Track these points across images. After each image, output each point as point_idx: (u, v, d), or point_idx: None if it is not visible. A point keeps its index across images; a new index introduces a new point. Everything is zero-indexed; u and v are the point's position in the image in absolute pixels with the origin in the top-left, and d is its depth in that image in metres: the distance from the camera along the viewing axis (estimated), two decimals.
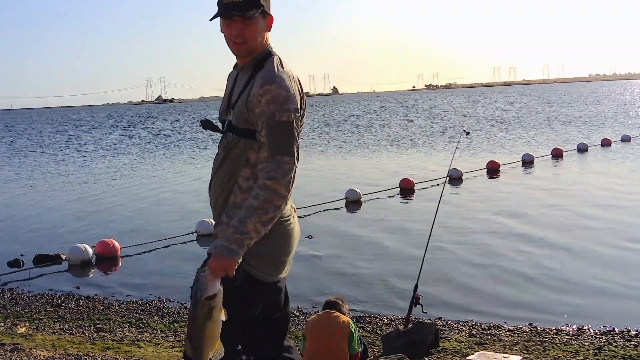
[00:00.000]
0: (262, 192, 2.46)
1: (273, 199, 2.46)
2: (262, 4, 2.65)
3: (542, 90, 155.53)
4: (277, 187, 2.47)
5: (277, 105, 2.53)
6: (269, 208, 2.46)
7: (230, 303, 2.50)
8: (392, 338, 5.32)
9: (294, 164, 2.53)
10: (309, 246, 10.44)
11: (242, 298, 2.70)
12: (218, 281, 2.40)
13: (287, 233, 2.73)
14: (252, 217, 2.45)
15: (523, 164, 19.53)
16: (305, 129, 45.05)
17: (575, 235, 10.25)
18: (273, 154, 2.50)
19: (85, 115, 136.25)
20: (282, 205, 2.50)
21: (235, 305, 2.60)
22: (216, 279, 2.39)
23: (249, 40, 2.66)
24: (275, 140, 2.51)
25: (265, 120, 2.53)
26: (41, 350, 5.43)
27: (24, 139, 49.57)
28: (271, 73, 2.61)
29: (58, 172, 23.92)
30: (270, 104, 2.53)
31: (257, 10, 2.62)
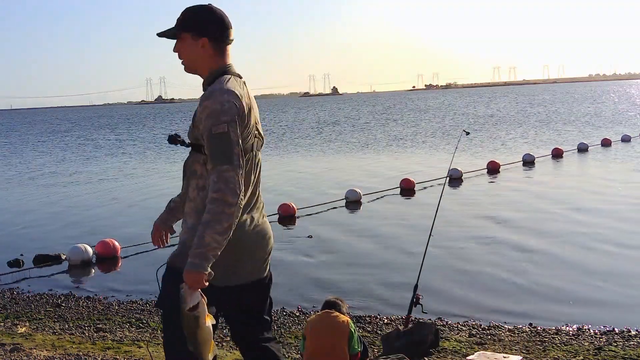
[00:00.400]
0: (212, 205, 2.65)
1: (223, 209, 2.64)
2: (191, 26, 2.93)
3: (542, 90, 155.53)
4: (223, 197, 2.64)
5: (214, 119, 2.73)
6: (221, 218, 2.64)
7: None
8: (392, 338, 5.32)
9: (234, 170, 2.69)
10: (309, 246, 10.45)
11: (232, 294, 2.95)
12: (196, 293, 2.61)
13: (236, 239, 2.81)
14: (207, 230, 2.63)
15: (524, 164, 19.54)
16: (306, 129, 45.22)
17: (575, 236, 10.25)
18: (214, 165, 2.70)
19: (85, 115, 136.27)
20: (235, 211, 2.67)
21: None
22: (194, 292, 2.61)
23: (184, 58, 2.98)
24: (214, 151, 2.72)
25: (205, 134, 2.76)
26: (41, 350, 5.43)
27: (25, 139, 49.59)
28: (211, 89, 2.83)
29: (59, 172, 23.92)
30: (208, 119, 2.75)
31: (186, 31, 2.92)
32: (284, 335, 6.21)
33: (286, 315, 7.03)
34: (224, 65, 2.97)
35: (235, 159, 2.71)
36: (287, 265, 9.30)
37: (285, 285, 8.35)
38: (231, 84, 2.87)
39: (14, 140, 49.46)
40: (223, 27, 2.97)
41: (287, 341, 5.98)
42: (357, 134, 37.62)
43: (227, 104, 2.76)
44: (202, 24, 2.93)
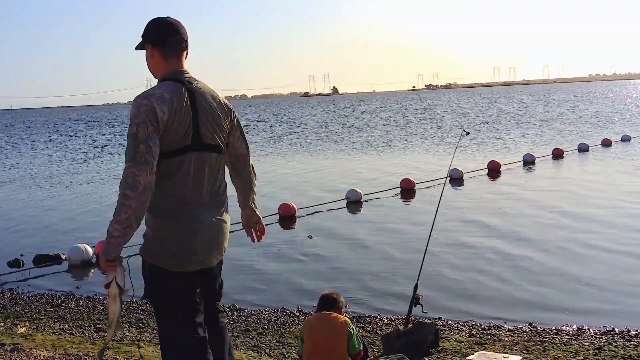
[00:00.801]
0: (118, 199, 2.95)
1: (123, 201, 2.91)
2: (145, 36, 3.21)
3: (542, 90, 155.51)
4: (123, 191, 2.92)
5: (130, 121, 3.03)
6: (120, 210, 2.92)
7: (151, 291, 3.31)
8: (392, 338, 5.32)
9: (136, 166, 2.92)
10: (310, 246, 10.45)
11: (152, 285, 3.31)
12: (109, 274, 3.03)
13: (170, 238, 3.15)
14: (112, 221, 2.96)
15: (524, 164, 19.54)
16: (306, 129, 45.19)
17: (575, 236, 10.24)
18: (125, 162, 3.00)
19: (85, 115, 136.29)
20: (134, 204, 2.91)
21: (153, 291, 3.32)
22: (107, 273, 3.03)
23: (147, 66, 3.28)
24: (126, 150, 3.02)
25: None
26: (41, 350, 5.43)
27: (26, 139, 49.59)
28: (138, 95, 3.10)
29: (59, 172, 23.92)
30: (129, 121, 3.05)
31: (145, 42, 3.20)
32: (284, 335, 6.21)
33: (286, 315, 7.03)
34: (171, 71, 3.18)
35: (138, 157, 2.92)
36: (287, 265, 9.30)
37: (285, 285, 8.36)
38: (159, 89, 3.09)
39: (14, 140, 49.46)
40: (166, 34, 3.17)
41: (287, 341, 5.98)
42: (357, 134, 37.63)
43: (143, 108, 3.00)
44: (150, 33, 3.20)
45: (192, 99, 3.13)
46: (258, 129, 48.58)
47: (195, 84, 3.20)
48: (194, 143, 3.13)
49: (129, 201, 2.91)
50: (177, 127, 3.06)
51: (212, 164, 3.23)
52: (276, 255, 9.91)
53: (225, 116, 3.30)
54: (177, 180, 3.12)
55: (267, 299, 7.78)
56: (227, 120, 3.31)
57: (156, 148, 2.97)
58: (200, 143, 3.15)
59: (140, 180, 2.91)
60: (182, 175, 3.13)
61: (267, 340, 6.05)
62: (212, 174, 3.24)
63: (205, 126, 3.17)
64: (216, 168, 3.27)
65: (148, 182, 2.94)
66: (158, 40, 3.17)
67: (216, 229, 3.29)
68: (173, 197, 3.14)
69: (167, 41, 3.17)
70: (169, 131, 3.04)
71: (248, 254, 9.95)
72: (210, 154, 3.21)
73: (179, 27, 3.21)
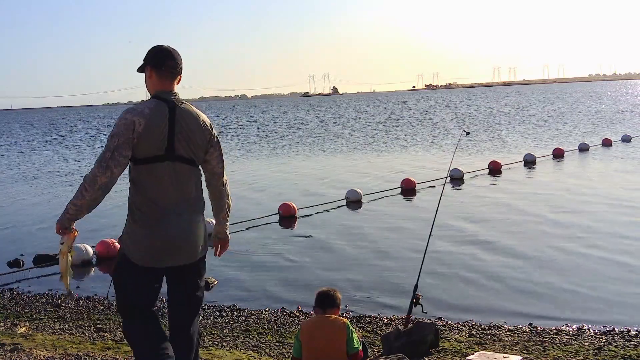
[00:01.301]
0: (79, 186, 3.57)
1: (81, 191, 3.53)
2: (145, 59, 3.74)
3: (542, 90, 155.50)
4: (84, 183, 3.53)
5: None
6: (78, 196, 3.54)
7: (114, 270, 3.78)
8: (392, 338, 5.32)
9: (97, 168, 3.50)
10: (310, 246, 10.45)
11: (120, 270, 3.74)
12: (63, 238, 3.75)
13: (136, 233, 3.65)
14: (71, 200, 3.58)
15: (525, 164, 19.55)
16: (306, 129, 45.12)
17: (575, 236, 10.25)
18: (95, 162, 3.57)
19: (85, 115, 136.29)
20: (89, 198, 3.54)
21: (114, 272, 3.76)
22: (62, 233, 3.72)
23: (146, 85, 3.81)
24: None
25: None
26: (41, 350, 5.42)
27: (26, 139, 49.60)
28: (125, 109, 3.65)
29: (59, 172, 23.93)
30: None
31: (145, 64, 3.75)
32: (284, 335, 6.21)
33: (286, 316, 7.03)
34: (160, 90, 3.67)
35: (103, 161, 3.49)
36: (288, 265, 9.30)
37: (286, 285, 8.35)
38: (143, 104, 3.62)
39: (15, 139, 49.46)
40: (161, 57, 3.69)
41: (287, 341, 5.98)
42: (358, 134, 37.63)
43: (122, 121, 3.53)
44: (151, 57, 3.72)
45: (172, 116, 3.59)
46: (258, 129, 48.59)
47: (179, 104, 3.65)
48: (167, 154, 3.58)
49: (85, 193, 3.53)
50: (151, 138, 3.53)
51: (183, 174, 3.65)
52: (276, 256, 9.91)
53: (203, 135, 3.71)
54: (150, 183, 3.60)
55: (267, 299, 7.78)
56: (204, 139, 3.73)
57: (122, 158, 3.50)
58: (173, 154, 3.60)
59: (98, 180, 3.49)
60: (154, 180, 3.60)
61: (267, 340, 6.05)
62: (183, 183, 3.65)
63: (179, 141, 3.61)
64: (188, 178, 3.68)
65: (104, 184, 3.51)
66: (156, 64, 3.68)
67: (184, 231, 3.65)
68: (145, 197, 3.62)
69: (164, 65, 3.68)
70: (144, 141, 3.52)
71: (248, 254, 9.96)
72: (183, 165, 3.64)
73: (175, 55, 3.72)
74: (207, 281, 8.41)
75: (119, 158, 3.49)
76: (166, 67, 3.69)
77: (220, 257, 4.11)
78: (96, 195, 3.56)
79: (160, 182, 3.61)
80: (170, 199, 3.64)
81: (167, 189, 3.62)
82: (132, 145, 3.52)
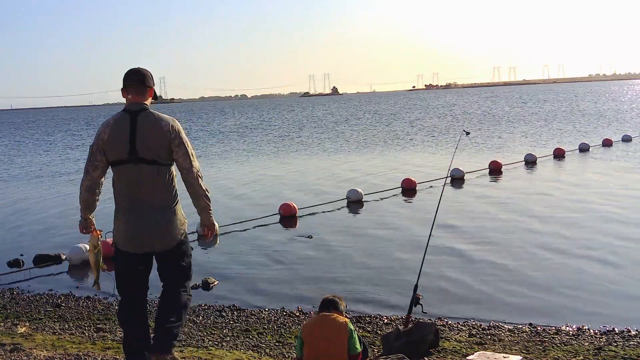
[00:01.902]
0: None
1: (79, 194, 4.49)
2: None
3: (542, 90, 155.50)
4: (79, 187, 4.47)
5: None
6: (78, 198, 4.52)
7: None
8: (392, 338, 5.32)
9: (83, 174, 4.40)
10: (310, 246, 10.45)
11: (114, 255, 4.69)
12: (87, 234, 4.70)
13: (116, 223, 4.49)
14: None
15: (525, 164, 19.55)
16: (307, 129, 45.07)
17: (575, 236, 10.25)
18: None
19: (86, 115, 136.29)
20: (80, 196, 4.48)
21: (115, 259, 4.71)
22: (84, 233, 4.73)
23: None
24: None
25: None
26: (41, 350, 5.43)
27: (26, 139, 49.60)
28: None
29: (59, 172, 23.94)
30: None
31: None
32: (284, 335, 6.20)
33: (286, 316, 7.02)
34: (128, 103, 4.29)
35: (84, 168, 4.39)
36: (288, 266, 9.30)
37: (286, 285, 8.35)
38: (111, 117, 4.34)
39: (15, 139, 49.46)
40: (126, 76, 4.32)
41: (287, 341, 5.98)
42: (358, 134, 37.63)
43: (96, 132, 4.33)
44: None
45: (133, 124, 4.17)
46: (258, 129, 48.60)
47: (142, 113, 4.21)
48: (129, 157, 4.19)
49: (79, 195, 4.47)
50: (115, 144, 4.20)
51: (148, 173, 4.21)
52: (276, 255, 9.91)
53: (164, 138, 4.19)
54: (120, 182, 4.31)
55: (267, 299, 7.77)
56: (165, 141, 4.19)
57: (97, 162, 4.29)
58: (136, 157, 4.18)
59: (83, 183, 4.40)
60: (123, 179, 4.29)
61: (267, 340, 6.04)
62: (147, 181, 4.22)
63: (140, 145, 4.16)
64: (153, 177, 4.22)
65: (88, 186, 4.39)
66: (124, 83, 4.32)
67: (151, 224, 4.27)
68: (120, 194, 4.35)
69: (128, 82, 4.30)
70: (109, 147, 4.23)
71: (248, 254, 9.96)
72: (146, 166, 4.20)
73: (138, 71, 4.33)
74: (207, 281, 8.41)
75: (95, 162, 4.29)
76: (130, 83, 4.29)
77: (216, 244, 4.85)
78: (85, 196, 4.43)
79: (127, 181, 4.28)
80: (137, 195, 4.27)
81: (133, 187, 4.26)
82: (102, 151, 4.25)
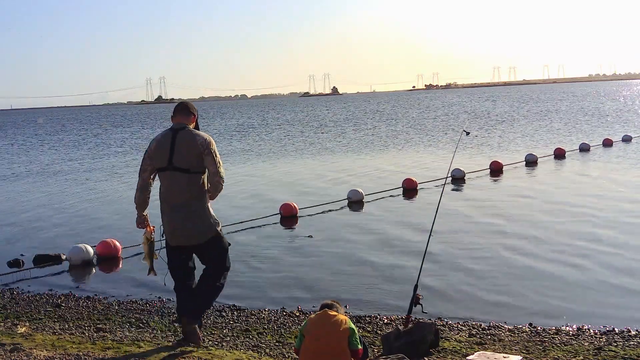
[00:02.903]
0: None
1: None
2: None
3: (543, 90, 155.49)
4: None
5: None
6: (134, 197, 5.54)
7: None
8: (392, 338, 5.32)
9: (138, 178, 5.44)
10: (310, 246, 10.45)
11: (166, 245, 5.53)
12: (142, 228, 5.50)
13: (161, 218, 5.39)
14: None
15: (526, 164, 19.55)
16: (307, 129, 45.04)
17: (575, 236, 10.25)
18: None
19: (85, 115, 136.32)
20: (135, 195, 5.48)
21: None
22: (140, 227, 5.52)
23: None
24: None
25: None
26: (41, 350, 5.42)
27: (28, 138, 49.61)
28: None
29: (60, 172, 23.92)
30: None
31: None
32: (284, 335, 6.20)
33: (286, 316, 7.02)
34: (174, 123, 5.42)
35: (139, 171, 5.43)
36: (288, 265, 9.30)
37: (286, 285, 8.35)
38: (160, 133, 5.49)
39: (16, 140, 49.46)
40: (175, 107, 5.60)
41: (287, 341, 5.98)
42: (358, 134, 37.63)
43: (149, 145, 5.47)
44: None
45: (173, 139, 5.26)
46: (258, 129, 48.60)
47: (182, 131, 5.29)
48: (168, 165, 5.24)
49: (135, 195, 5.51)
50: (159, 154, 5.29)
51: (180, 179, 5.21)
52: (277, 255, 9.91)
53: (197, 150, 5.20)
54: (162, 186, 5.34)
55: (267, 299, 7.77)
56: (198, 152, 5.20)
57: (146, 167, 5.39)
58: (172, 165, 5.23)
59: (137, 185, 5.46)
60: (163, 183, 5.32)
61: (267, 340, 6.05)
62: (179, 185, 5.22)
63: (177, 155, 5.21)
64: (184, 182, 5.21)
65: (140, 186, 5.43)
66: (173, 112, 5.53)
67: (182, 221, 5.25)
68: (162, 196, 5.35)
69: (175, 110, 5.53)
70: (155, 156, 5.33)
71: (248, 254, 9.96)
72: (180, 173, 5.21)
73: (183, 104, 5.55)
74: None
75: (144, 167, 5.40)
76: (176, 111, 5.53)
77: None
78: (138, 195, 5.45)
79: (166, 185, 5.30)
80: (173, 197, 5.27)
81: (170, 190, 5.27)
82: (150, 159, 5.34)
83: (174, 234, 5.29)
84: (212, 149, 5.24)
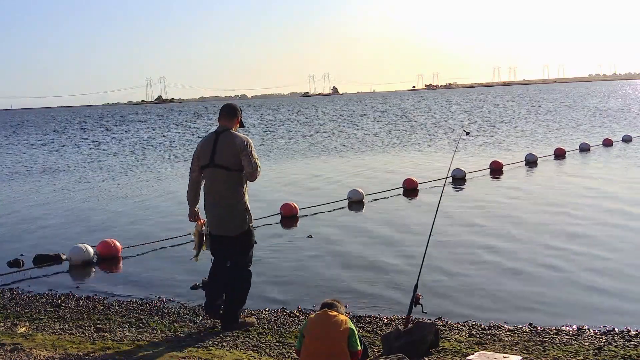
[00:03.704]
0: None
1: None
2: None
3: (543, 90, 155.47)
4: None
5: None
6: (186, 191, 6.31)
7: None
8: (392, 338, 5.32)
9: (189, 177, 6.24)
10: (310, 246, 10.45)
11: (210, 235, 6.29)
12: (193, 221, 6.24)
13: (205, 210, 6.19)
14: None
15: (526, 164, 19.55)
16: (306, 129, 45.03)
17: (575, 236, 10.24)
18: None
19: (85, 115, 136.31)
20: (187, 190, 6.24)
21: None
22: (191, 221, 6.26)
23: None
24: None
25: None
26: (41, 350, 5.43)
27: (28, 138, 49.62)
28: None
29: (59, 172, 23.93)
30: None
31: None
32: (284, 335, 6.20)
33: (286, 316, 7.02)
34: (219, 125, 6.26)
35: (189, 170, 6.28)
36: (288, 266, 9.30)
37: (286, 285, 8.35)
38: (204, 137, 6.28)
39: (16, 140, 49.47)
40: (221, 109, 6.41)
41: (287, 341, 5.98)
42: (359, 134, 37.63)
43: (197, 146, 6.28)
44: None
45: (216, 140, 6.06)
46: (259, 129, 48.60)
47: (223, 133, 6.08)
48: (209, 163, 6.04)
49: (187, 192, 6.25)
50: (203, 153, 6.09)
51: (220, 176, 6.00)
52: (277, 255, 9.91)
53: (235, 150, 5.96)
54: (205, 181, 6.16)
55: (267, 299, 7.77)
56: (236, 152, 5.95)
57: (194, 166, 6.19)
58: (214, 163, 6.01)
59: (188, 182, 6.23)
60: (207, 180, 6.14)
61: (267, 340, 6.04)
62: (220, 182, 6.02)
63: (218, 154, 6.00)
64: (223, 179, 6.00)
65: (190, 184, 6.22)
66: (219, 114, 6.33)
67: (220, 213, 6.06)
68: (205, 190, 6.16)
69: (220, 113, 6.33)
70: (200, 155, 6.12)
71: None
72: (220, 170, 5.99)
73: (228, 105, 6.36)
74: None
75: (193, 166, 6.21)
76: (221, 114, 6.28)
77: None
78: (188, 192, 6.22)
79: (208, 181, 6.10)
80: (213, 191, 6.08)
81: (211, 185, 6.08)
82: (197, 159, 6.12)
83: (212, 224, 6.09)
84: (250, 150, 5.98)
